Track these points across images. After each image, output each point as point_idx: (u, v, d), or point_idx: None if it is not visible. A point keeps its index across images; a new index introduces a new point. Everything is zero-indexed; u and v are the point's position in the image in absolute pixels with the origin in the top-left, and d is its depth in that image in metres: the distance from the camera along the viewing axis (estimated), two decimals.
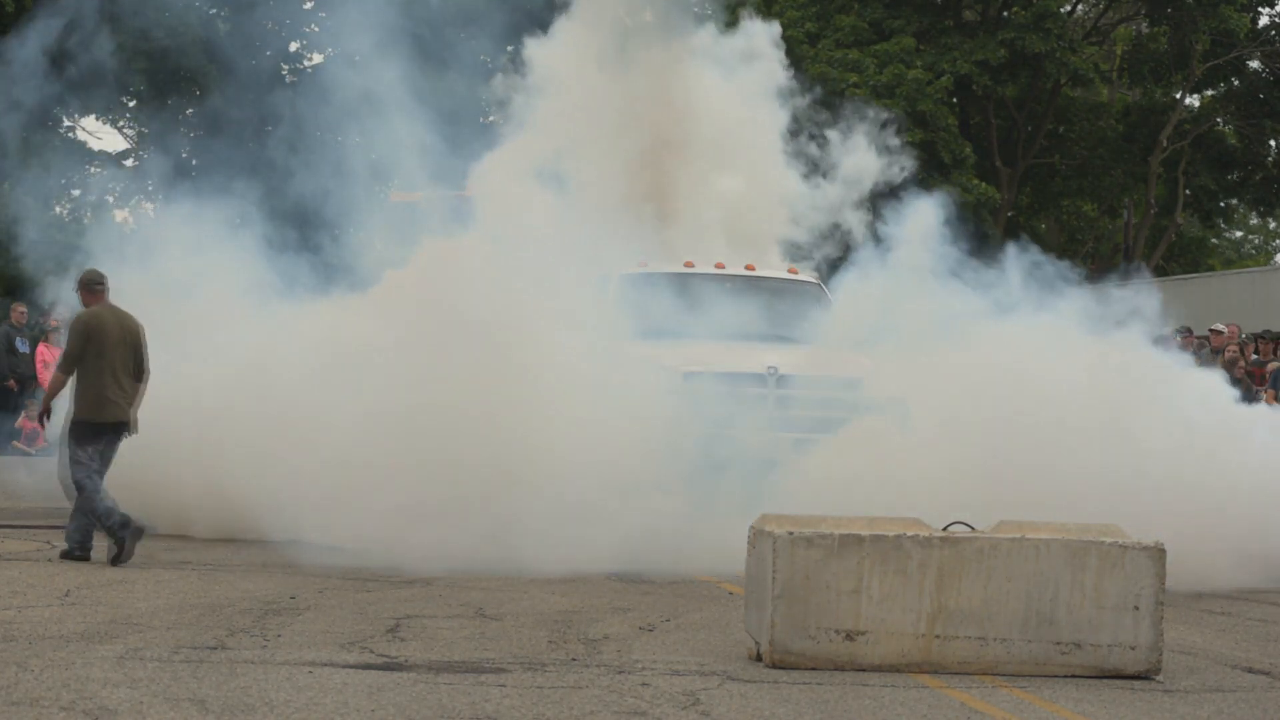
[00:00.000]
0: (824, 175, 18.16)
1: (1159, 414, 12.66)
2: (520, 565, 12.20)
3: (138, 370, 12.76)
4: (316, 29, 29.46)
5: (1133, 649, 8.62)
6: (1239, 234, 58.99)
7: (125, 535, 12.25)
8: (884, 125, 18.98)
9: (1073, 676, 8.58)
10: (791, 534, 8.59)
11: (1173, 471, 12.25)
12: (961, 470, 12.01)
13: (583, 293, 14.01)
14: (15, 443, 21.58)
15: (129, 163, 28.66)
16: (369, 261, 16.13)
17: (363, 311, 14.38)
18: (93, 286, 12.78)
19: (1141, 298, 13.95)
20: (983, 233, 33.24)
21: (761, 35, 18.91)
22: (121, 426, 12.66)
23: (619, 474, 12.51)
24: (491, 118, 19.02)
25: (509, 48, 18.53)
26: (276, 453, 13.57)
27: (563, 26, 18.43)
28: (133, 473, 13.49)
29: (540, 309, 13.35)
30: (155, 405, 13.06)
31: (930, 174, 32.62)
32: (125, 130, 32.17)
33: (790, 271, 16.98)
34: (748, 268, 16.55)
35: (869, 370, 14.06)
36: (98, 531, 12.69)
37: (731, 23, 19.76)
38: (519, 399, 12.78)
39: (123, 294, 13.19)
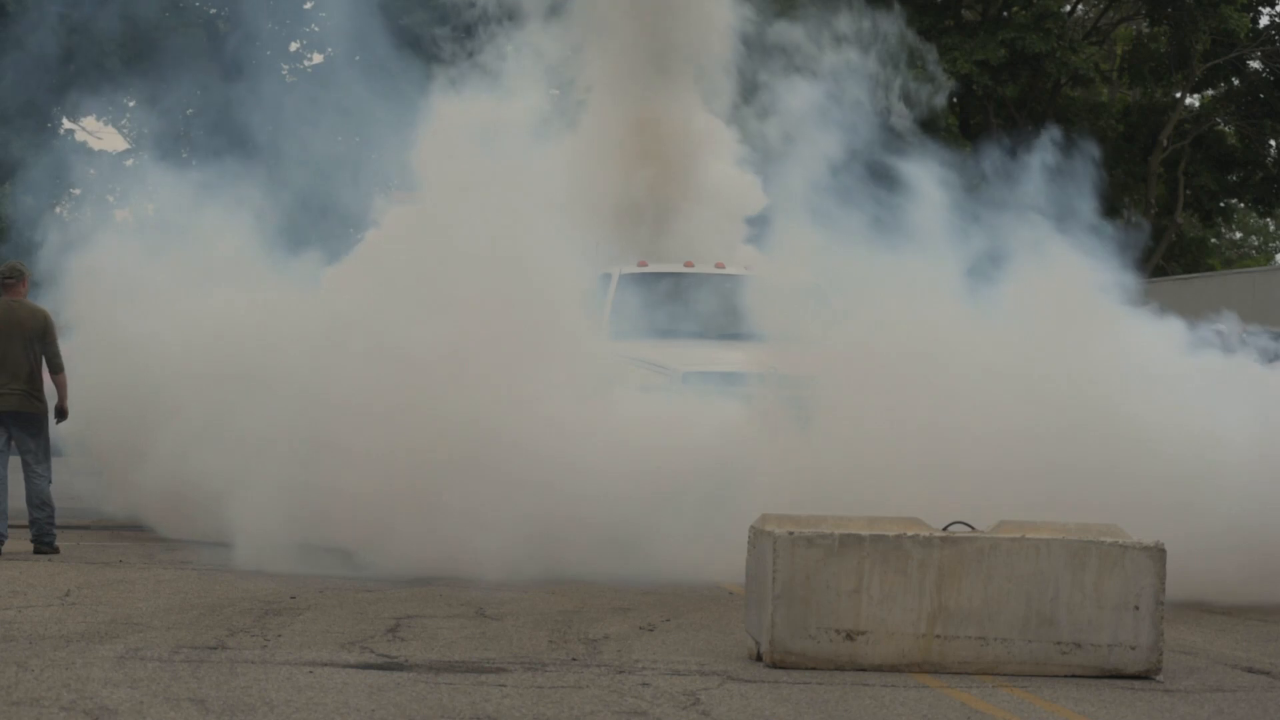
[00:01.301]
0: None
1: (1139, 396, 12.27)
2: (519, 566, 12.16)
3: (51, 364, 13.15)
4: (316, 29, 29.48)
5: (1133, 649, 8.62)
6: (1238, 235, 58.99)
7: None
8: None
9: (1073, 676, 8.58)
10: (791, 534, 8.60)
11: (1162, 462, 11.92)
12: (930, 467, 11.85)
13: (581, 292, 13.89)
14: None
15: (129, 163, 28.68)
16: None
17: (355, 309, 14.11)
18: (4, 280, 13.18)
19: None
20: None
21: None
22: (12, 417, 13.00)
23: (617, 476, 12.44)
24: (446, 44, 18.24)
25: None
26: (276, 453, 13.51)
27: None
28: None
29: (537, 309, 13.23)
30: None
31: None
32: (124, 128, 32.19)
33: None
34: (748, 267, 16.54)
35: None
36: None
37: None
38: (514, 401, 12.68)
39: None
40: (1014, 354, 12.33)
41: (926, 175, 13.58)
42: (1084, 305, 12.67)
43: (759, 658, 8.76)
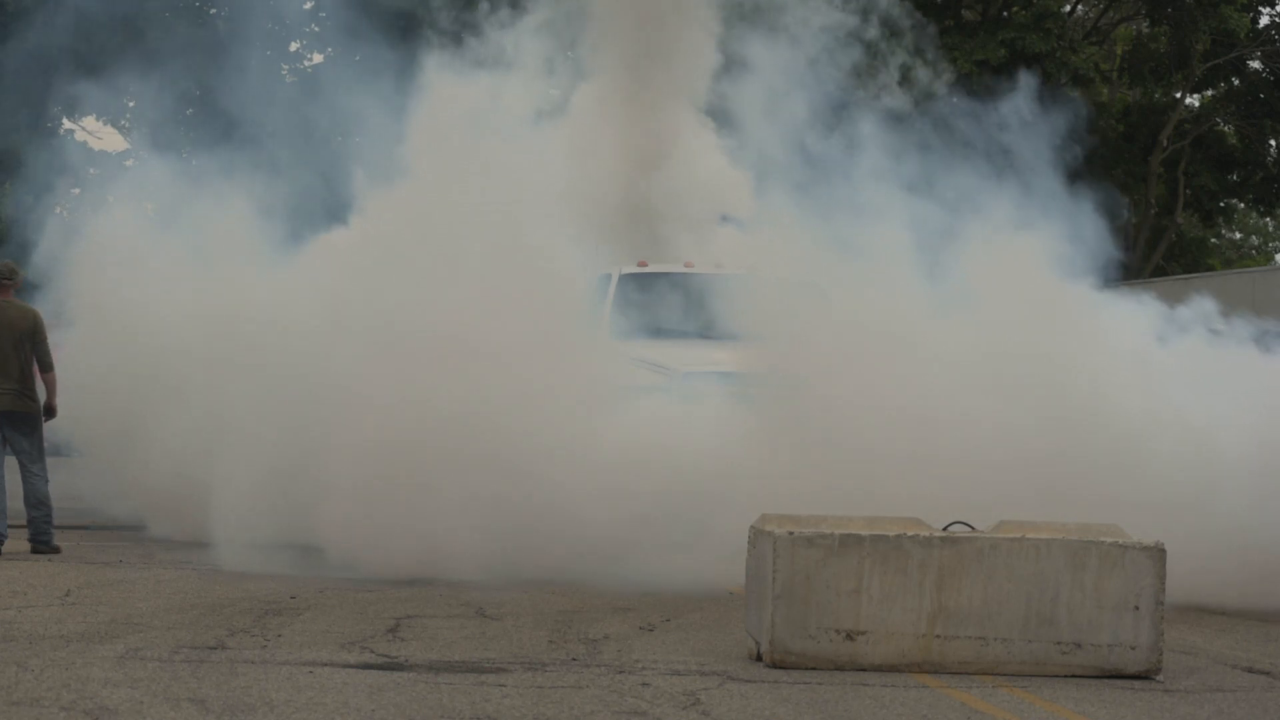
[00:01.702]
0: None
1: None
2: (519, 567, 12.13)
3: (41, 363, 13.20)
4: (317, 29, 29.47)
5: (1133, 649, 8.62)
6: (1238, 235, 58.99)
7: None
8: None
9: (1073, 676, 8.58)
10: (792, 534, 8.60)
11: (1159, 462, 11.80)
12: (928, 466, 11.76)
13: (581, 292, 13.84)
14: None
15: (129, 163, 28.65)
16: None
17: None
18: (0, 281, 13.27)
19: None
20: None
21: None
22: (5, 417, 13.04)
23: (616, 477, 12.41)
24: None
25: None
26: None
27: None
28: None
29: (537, 309, 13.16)
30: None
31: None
32: (125, 125, 32.18)
33: None
34: (749, 267, 16.52)
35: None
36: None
37: None
38: (513, 402, 12.62)
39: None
40: (1001, 346, 12.25)
41: (905, 153, 13.50)
42: (1065, 293, 12.60)
43: (759, 658, 8.76)
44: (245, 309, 14.13)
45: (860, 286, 12.65)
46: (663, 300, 15.26)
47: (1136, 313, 13.18)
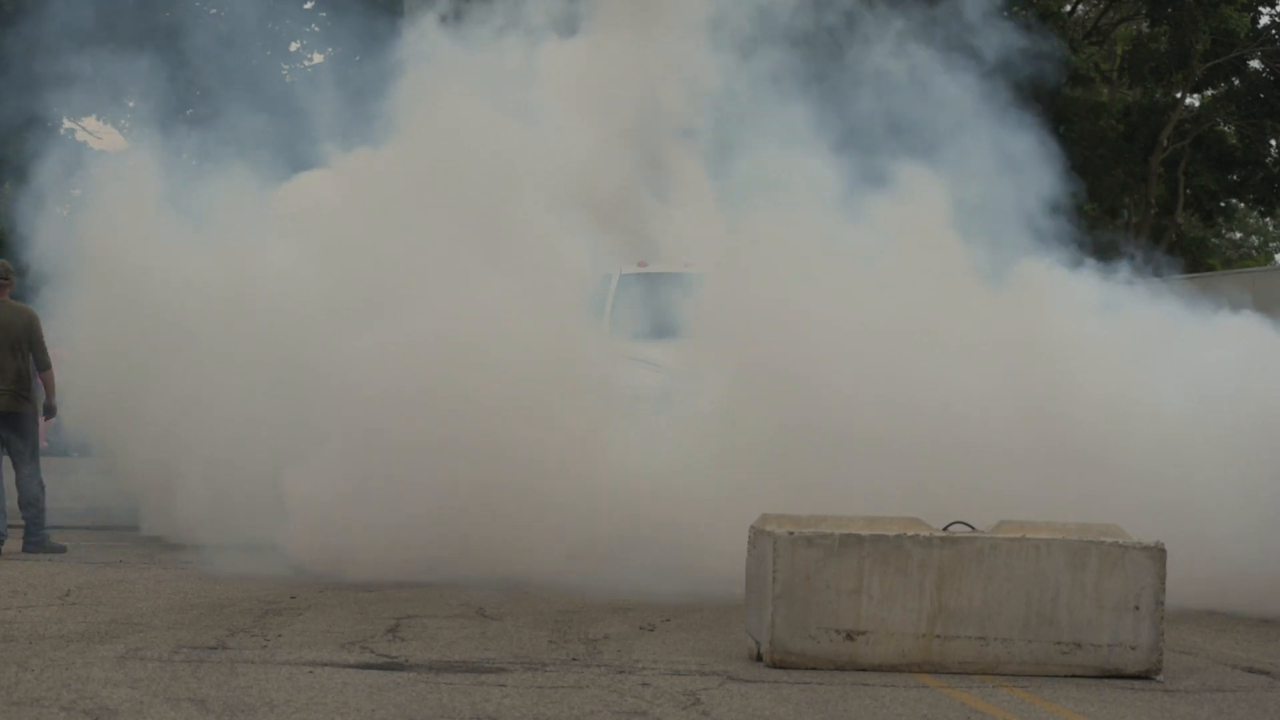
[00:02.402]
0: None
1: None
2: (520, 568, 12.12)
3: (39, 362, 13.25)
4: (316, 29, 29.47)
5: (1133, 649, 8.62)
6: (1238, 235, 59.02)
7: None
8: None
9: (1073, 676, 8.58)
10: (792, 534, 8.60)
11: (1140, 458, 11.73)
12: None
13: (581, 293, 13.81)
14: None
15: (129, 164, 28.57)
16: None
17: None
18: None
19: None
20: None
21: None
22: (0, 418, 13.08)
23: (615, 476, 12.41)
24: None
25: None
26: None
27: None
28: None
29: (537, 310, 13.13)
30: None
31: None
32: (124, 125, 32.17)
33: None
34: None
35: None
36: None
37: None
38: (515, 402, 12.60)
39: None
40: (990, 330, 12.20)
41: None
42: (1032, 271, 12.55)
43: (759, 658, 8.76)
44: (239, 291, 14.01)
45: (847, 278, 12.61)
46: (663, 300, 15.25)
47: (1104, 290, 13.09)
